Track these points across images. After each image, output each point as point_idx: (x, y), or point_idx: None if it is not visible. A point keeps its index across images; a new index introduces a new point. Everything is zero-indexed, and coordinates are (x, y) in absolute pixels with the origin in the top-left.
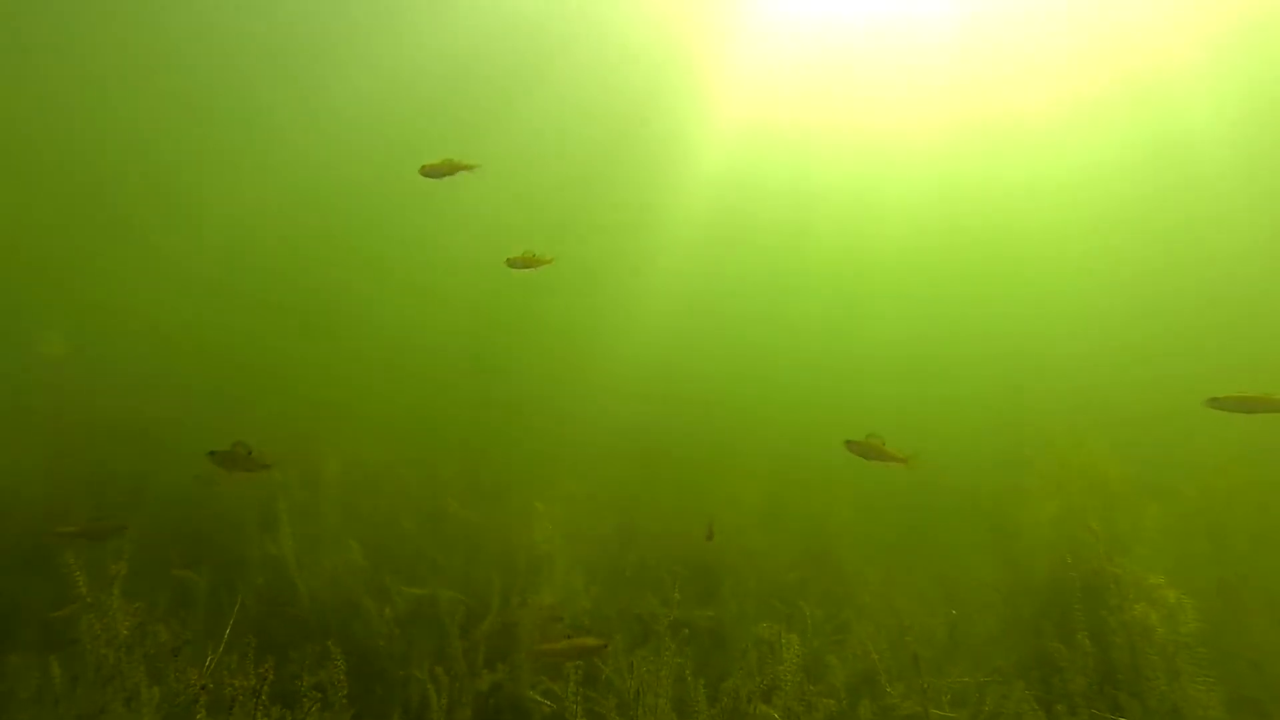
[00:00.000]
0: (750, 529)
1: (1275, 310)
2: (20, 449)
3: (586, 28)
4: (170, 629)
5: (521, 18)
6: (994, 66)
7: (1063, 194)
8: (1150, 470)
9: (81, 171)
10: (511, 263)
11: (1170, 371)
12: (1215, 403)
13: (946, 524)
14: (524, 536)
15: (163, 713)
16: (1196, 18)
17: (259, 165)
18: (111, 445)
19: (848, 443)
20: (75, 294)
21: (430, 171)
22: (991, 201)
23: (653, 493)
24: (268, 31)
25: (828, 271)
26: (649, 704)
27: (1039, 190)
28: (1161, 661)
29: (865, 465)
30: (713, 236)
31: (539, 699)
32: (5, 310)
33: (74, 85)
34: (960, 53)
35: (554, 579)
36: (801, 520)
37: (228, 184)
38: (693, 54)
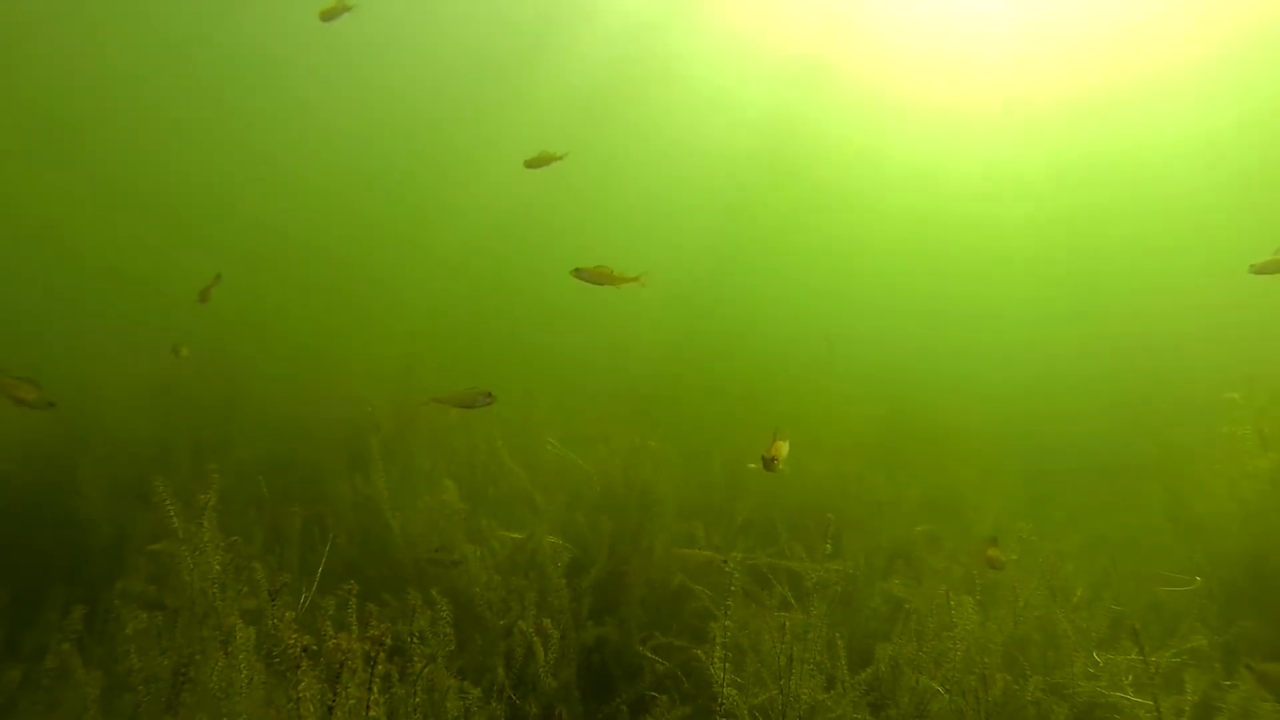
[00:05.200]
0: (870, 478)
1: None
2: (130, 387)
3: None
4: (266, 564)
5: None
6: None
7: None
8: None
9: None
10: (529, 163)
11: None
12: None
13: (1108, 480)
14: (630, 477)
15: (260, 655)
16: None
17: None
18: (202, 382)
19: (575, 271)
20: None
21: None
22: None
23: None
24: None
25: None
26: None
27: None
28: None
29: (995, 413)
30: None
31: (649, 655)
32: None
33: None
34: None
35: (666, 525)
36: (927, 471)
37: None
38: None
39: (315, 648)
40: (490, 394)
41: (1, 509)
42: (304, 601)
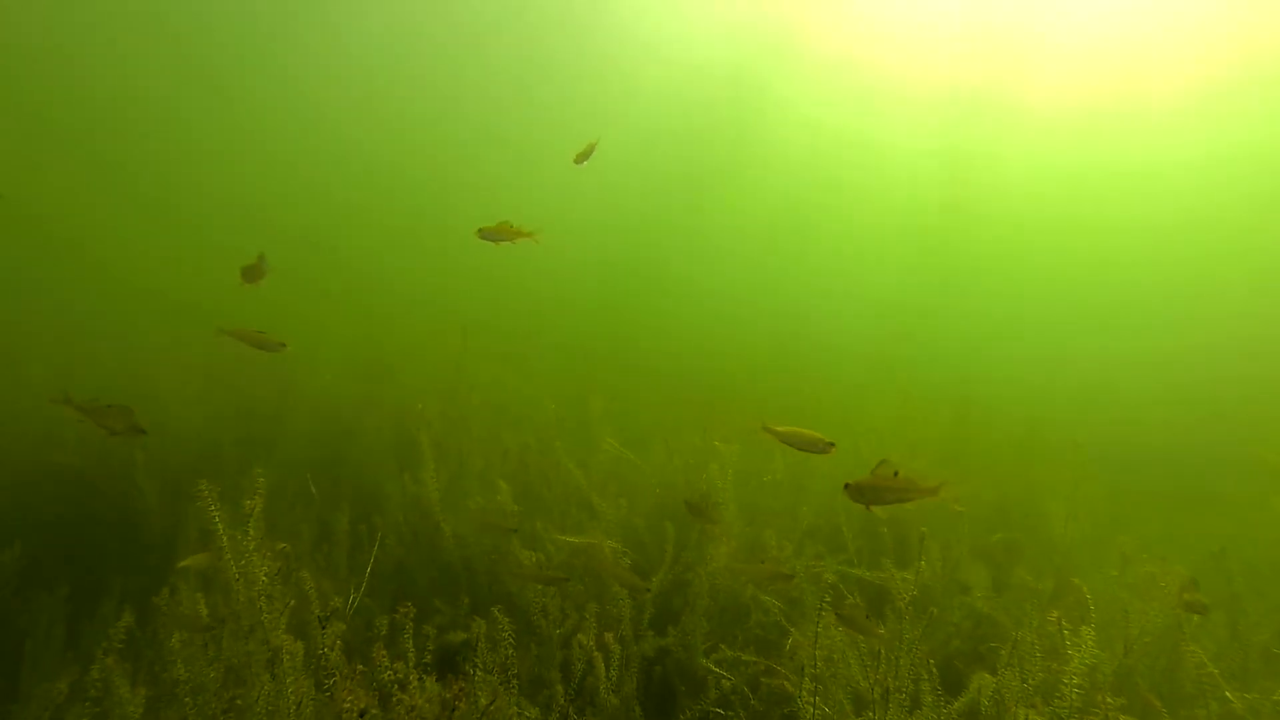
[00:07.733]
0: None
1: None
2: (182, 383)
3: None
4: (314, 563)
5: None
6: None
7: None
8: None
9: None
10: (578, 158)
11: None
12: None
13: (1221, 491)
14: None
15: (308, 672)
16: None
17: None
18: (252, 379)
19: (479, 231)
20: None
21: None
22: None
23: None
24: None
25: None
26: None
27: None
28: None
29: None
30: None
31: (713, 668)
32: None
33: None
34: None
35: (732, 531)
36: (997, 473)
37: None
38: None
39: (376, 711)
40: (832, 443)
41: (60, 500)
42: (352, 603)
